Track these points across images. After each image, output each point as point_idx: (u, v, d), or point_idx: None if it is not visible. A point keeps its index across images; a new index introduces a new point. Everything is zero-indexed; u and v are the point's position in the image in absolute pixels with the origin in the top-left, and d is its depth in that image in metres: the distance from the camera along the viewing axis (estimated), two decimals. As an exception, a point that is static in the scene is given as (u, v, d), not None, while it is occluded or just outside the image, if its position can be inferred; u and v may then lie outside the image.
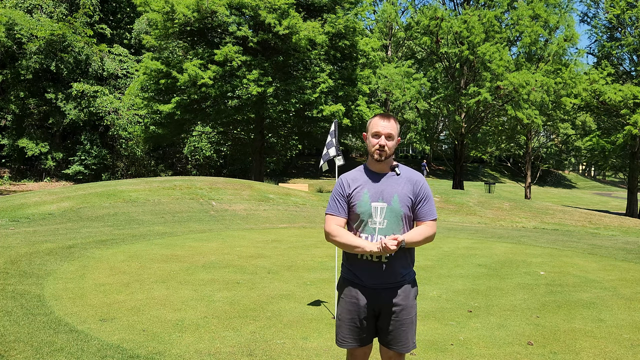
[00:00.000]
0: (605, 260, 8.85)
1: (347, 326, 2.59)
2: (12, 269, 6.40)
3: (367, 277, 2.55)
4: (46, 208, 12.45)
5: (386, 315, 2.57)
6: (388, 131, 2.55)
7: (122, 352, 3.87)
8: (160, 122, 24.13)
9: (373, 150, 2.56)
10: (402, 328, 2.57)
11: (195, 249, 8.58)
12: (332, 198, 2.66)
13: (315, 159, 47.87)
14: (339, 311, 2.64)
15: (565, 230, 14.65)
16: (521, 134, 29.92)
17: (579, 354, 4.17)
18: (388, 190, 2.56)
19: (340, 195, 2.61)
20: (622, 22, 28.43)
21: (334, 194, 2.65)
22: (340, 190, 2.62)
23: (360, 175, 2.63)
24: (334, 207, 2.62)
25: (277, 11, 21.44)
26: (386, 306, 2.56)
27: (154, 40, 23.33)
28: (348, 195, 2.60)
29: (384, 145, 2.54)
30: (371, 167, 2.64)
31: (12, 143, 30.03)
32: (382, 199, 2.55)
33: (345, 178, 2.65)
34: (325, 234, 2.64)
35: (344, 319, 2.60)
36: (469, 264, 8.05)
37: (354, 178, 2.64)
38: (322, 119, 23.70)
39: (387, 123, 2.56)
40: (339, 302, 2.66)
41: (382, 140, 2.54)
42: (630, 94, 24.76)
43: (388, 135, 2.55)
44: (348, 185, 2.61)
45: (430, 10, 25.58)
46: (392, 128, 2.56)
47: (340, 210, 2.60)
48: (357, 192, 2.58)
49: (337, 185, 2.66)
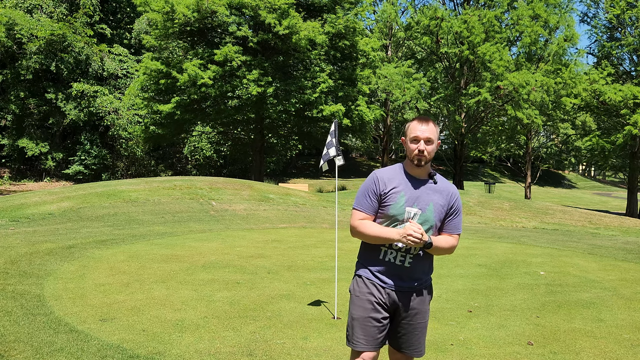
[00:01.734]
0: (605, 260, 8.85)
1: (362, 326, 2.50)
2: (12, 269, 6.40)
3: (387, 277, 2.51)
4: (46, 208, 12.45)
5: (400, 318, 2.54)
6: (427, 135, 2.46)
7: (122, 352, 3.87)
8: (160, 122, 24.14)
9: (413, 155, 2.47)
10: (415, 332, 2.55)
11: (195, 249, 8.58)
12: (363, 193, 2.54)
13: (315, 159, 47.86)
14: (352, 310, 2.55)
15: (565, 230, 14.65)
16: (521, 134, 29.92)
17: (579, 354, 4.17)
18: (424, 198, 2.50)
19: (373, 192, 2.51)
20: (622, 22, 28.43)
21: (367, 190, 2.53)
22: (374, 188, 2.51)
23: (397, 176, 2.54)
24: (365, 203, 2.52)
25: (277, 11, 21.45)
26: (402, 309, 2.52)
27: (154, 40, 23.34)
28: (383, 194, 2.50)
29: (423, 150, 2.45)
30: (409, 171, 2.55)
31: (12, 143, 30.03)
32: (417, 205, 2.48)
33: (381, 175, 2.54)
34: (351, 228, 2.54)
35: (358, 318, 2.51)
36: (469, 264, 8.05)
37: (390, 177, 2.53)
38: (322, 119, 23.71)
39: (425, 127, 2.47)
40: (352, 302, 2.58)
41: (421, 145, 2.46)
42: (630, 94, 24.76)
43: (427, 140, 2.46)
44: (384, 183, 2.51)
45: (430, 10, 25.59)
46: (432, 132, 2.47)
47: (370, 207, 2.51)
48: (394, 193, 2.49)
49: (371, 181, 2.54)
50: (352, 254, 8.48)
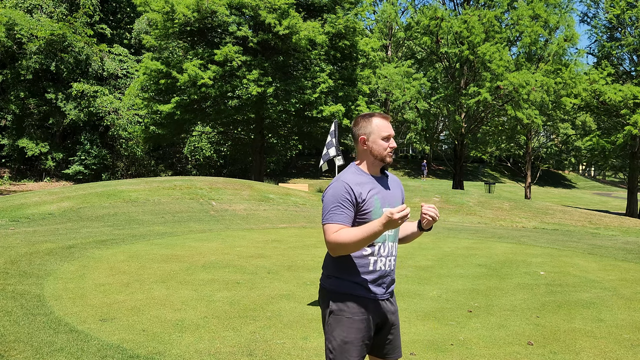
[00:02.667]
0: (605, 260, 8.85)
1: (358, 348, 2.30)
2: (12, 269, 6.40)
3: (379, 287, 2.38)
4: (46, 208, 12.45)
5: (387, 324, 2.44)
6: (394, 132, 2.44)
7: (122, 352, 3.87)
8: (160, 122, 24.14)
9: (386, 153, 2.38)
10: (397, 334, 2.49)
11: (195, 249, 8.58)
12: (337, 205, 2.29)
13: (315, 159, 47.86)
14: (344, 333, 2.29)
15: (565, 230, 14.65)
16: (521, 134, 29.91)
17: (579, 354, 4.17)
18: (391, 194, 2.43)
19: (348, 202, 2.29)
20: (622, 22, 28.42)
21: (340, 201, 2.29)
22: (349, 197, 2.29)
23: (363, 179, 2.38)
24: (341, 216, 2.28)
25: (277, 11, 21.45)
26: (389, 314, 2.43)
27: (154, 40, 23.34)
28: (361, 201, 2.32)
29: (394, 147, 2.40)
30: (368, 171, 2.42)
31: (12, 143, 30.03)
32: (389, 204, 2.39)
33: (350, 183, 2.33)
34: (336, 246, 2.25)
35: (353, 341, 2.29)
36: (469, 264, 8.05)
37: (359, 182, 2.36)
38: (322, 119, 23.71)
39: (390, 123, 2.44)
40: (339, 324, 2.31)
41: (392, 143, 2.39)
42: (630, 94, 24.75)
43: (394, 136, 2.44)
44: (358, 190, 2.32)
45: (430, 10, 25.58)
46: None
47: (347, 219, 2.28)
48: (371, 197, 2.34)
49: (342, 190, 2.31)
50: (352, 254, 8.45)
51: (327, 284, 2.42)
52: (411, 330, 4.65)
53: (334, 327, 2.33)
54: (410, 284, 6.53)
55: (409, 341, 4.36)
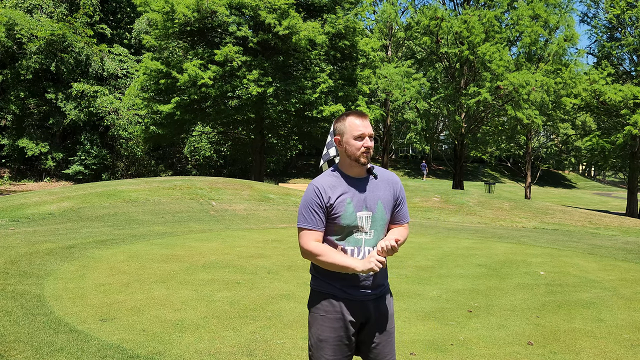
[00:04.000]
0: (605, 260, 8.85)
1: (333, 347, 2.31)
2: (12, 269, 6.40)
3: (355, 289, 2.34)
4: (46, 208, 12.46)
5: (372, 328, 2.38)
6: (370, 131, 2.32)
7: (122, 352, 3.87)
8: (160, 122, 24.15)
9: (359, 153, 2.29)
10: (388, 339, 2.43)
11: (195, 249, 8.58)
12: (306, 209, 2.30)
13: (315, 159, 47.87)
14: (319, 331, 2.33)
15: (565, 230, 14.65)
16: (521, 134, 29.91)
17: (579, 354, 4.17)
18: (371, 197, 2.34)
19: (317, 206, 2.29)
20: (622, 22, 28.42)
21: (309, 204, 2.30)
22: (318, 200, 2.29)
23: (337, 182, 2.33)
24: (311, 219, 2.29)
25: (277, 11, 21.46)
26: (372, 317, 2.38)
27: (154, 40, 23.34)
28: (329, 205, 2.29)
29: (369, 146, 2.30)
30: (348, 172, 2.36)
31: (12, 143, 30.04)
32: (366, 207, 2.32)
33: (320, 185, 2.31)
34: (304, 252, 2.31)
35: (327, 339, 2.31)
36: (469, 264, 8.05)
37: (331, 185, 2.31)
38: (322, 119, 23.72)
39: (366, 122, 2.32)
40: (317, 321, 2.35)
41: (367, 142, 2.30)
42: (630, 94, 24.75)
43: (370, 135, 2.32)
44: (327, 193, 2.30)
45: (430, 10, 25.58)
46: (370, 126, 2.33)
47: (318, 223, 2.29)
48: (340, 201, 2.29)
49: (312, 194, 2.31)
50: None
51: (310, 283, 2.47)
52: (411, 330, 4.65)
53: (311, 324, 2.39)
54: (410, 284, 6.53)
55: (409, 341, 4.36)
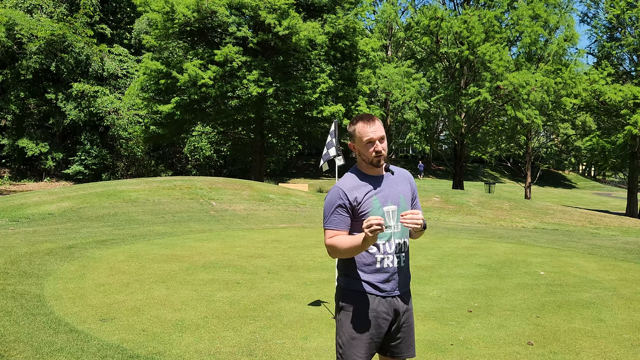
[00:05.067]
0: (605, 260, 8.85)
1: (365, 344, 2.37)
2: (12, 269, 6.40)
3: (388, 285, 2.42)
4: (46, 208, 12.46)
5: (399, 323, 2.46)
6: (380, 134, 2.40)
7: (122, 352, 3.87)
8: (160, 122, 24.15)
9: (372, 157, 2.41)
10: (411, 333, 2.50)
11: (195, 249, 8.58)
12: (331, 211, 2.41)
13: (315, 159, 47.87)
14: (352, 329, 2.38)
15: (565, 230, 14.65)
16: (521, 134, 29.91)
17: (579, 354, 4.17)
18: (393, 192, 2.46)
19: (342, 207, 2.40)
20: (622, 22, 28.41)
21: (335, 207, 2.41)
22: (342, 202, 2.39)
23: (359, 182, 2.45)
24: (336, 221, 2.40)
25: (277, 11, 21.45)
26: (401, 313, 2.45)
27: (154, 40, 23.34)
28: (356, 204, 2.40)
29: (380, 150, 2.40)
30: (367, 172, 2.49)
31: (12, 143, 30.03)
32: (390, 201, 2.43)
33: (344, 188, 2.42)
34: (327, 250, 2.42)
35: (361, 338, 2.37)
36: (469, 264, 8.05)
37: (354, 186, 2.43)
38: (322, 119, 23.72)
39: (375, 126, 2.41)
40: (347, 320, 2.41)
41: (378, 146, 2.40)
42: (630, 94, 24.75)
43: (381, 138, 2.41)
44: (352, 194, 2.40)
45: (430, 10, 25.57)
46: (381, 129, 2.41)
47: (341, 223, 2.40)
48: (366, 199, 2.40)
49: (337, 196, 2.41)
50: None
51: (339, 282, 2.51)
52: (411, 330, 4.64)
53: (343, 322, 2.43)
54: (411, 284, 6.52)
55: (409, 341, 4.36)
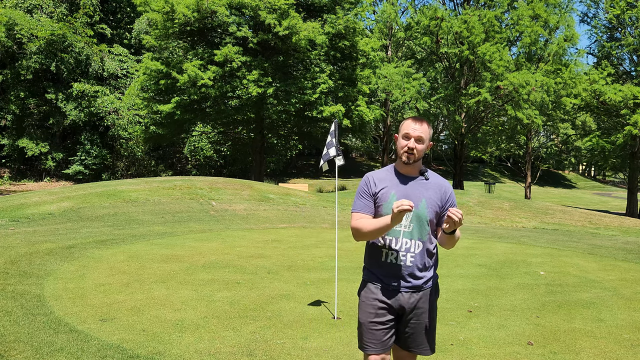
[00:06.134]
0: (605, 260, 8.85)
1: (368, 331, 2.56)
2: (12, 269, 6.40)
3: (391, 279, 2.54)
4: (46, 208, 12.46)
5: (407, 318, 2.57)
6: (418, 134, 2.49)
7: (122, 352, 3.87)
8: (160, 122, 24.16)
9: (402, 152, 2.52)
10: (422, 331, 2.57)
11: (195, 249, 8.58)
12: (357, 196, 2.62)
13: (315, 159, 47.87)
14: (360, 315, 2.62)
15: (565, 230, 14.65)
16: (521, 134, 29.93)
17: (579, 354, 4.17)
18: (415, 194, 2.53)
19: (365, 193, 2.58)
20: (622, 22, 28.42)
21: (360, 192, 2.62)
22: (366, 189, 2.59)
23: (387, 176, 2.60)
24: (360, 205, 2.59)
25: (277, 11, 21.45)
26: (407, 309, 2.55)
27: (154, 40, 23.34)
28: (374, 194, 2.56)
29: (412, 148, 2.49)
30: (399, 169, 2.60)
31: (12, 143, 30.04)
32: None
33: (371, 176, 2.62)
34: (352, 232, 2.58)
35: (364, 323, 2.57)
36: (469, 264, 8.05)
37: (380, 178, 2.60)
38: (322, 119, 23.73)
39: (418, 126, 2.51)
40: (359, 306, 2.64)
41: (411, 143, 2.49)
42: (630, 94, 24.75)
43: (418, 139, 2.50)
44: (374, 184, 2.58)
45: (430, 10, 25.59)
46: (424, 131, 2.50)
47: (366, 208, 2.56)
48: (384, 192, 2.54)
49: (363, 183, 2.62)
50: (352, 254, 8.49)
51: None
52: (411, 330, 4.64)
53: (358, 310, 2.66)
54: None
55: (409, 341, 4.36)
